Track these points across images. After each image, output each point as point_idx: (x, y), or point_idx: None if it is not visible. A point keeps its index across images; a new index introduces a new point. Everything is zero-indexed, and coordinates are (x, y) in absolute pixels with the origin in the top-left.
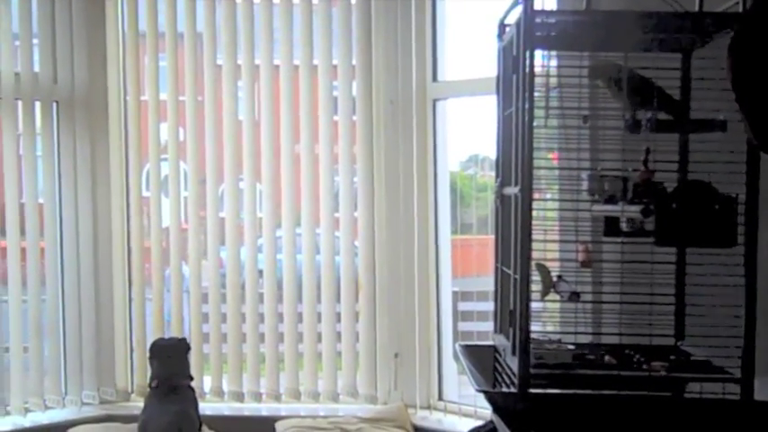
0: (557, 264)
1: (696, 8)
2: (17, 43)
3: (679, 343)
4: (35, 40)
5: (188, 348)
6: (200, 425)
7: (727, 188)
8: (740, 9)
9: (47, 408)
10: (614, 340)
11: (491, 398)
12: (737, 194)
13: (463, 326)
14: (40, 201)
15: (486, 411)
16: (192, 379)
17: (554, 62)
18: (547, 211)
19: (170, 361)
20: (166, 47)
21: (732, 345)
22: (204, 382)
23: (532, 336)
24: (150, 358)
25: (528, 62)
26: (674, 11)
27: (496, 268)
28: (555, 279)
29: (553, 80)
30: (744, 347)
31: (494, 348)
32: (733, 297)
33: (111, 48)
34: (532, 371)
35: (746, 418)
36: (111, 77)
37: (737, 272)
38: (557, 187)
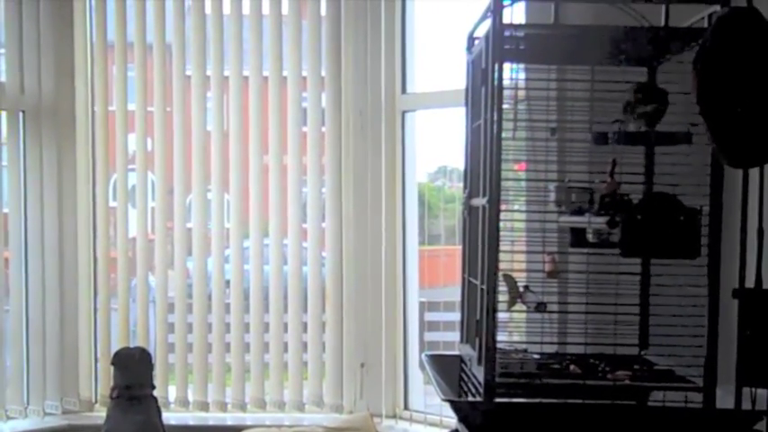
0: (523, 274)
1: (662, 23)
2: None
3: (643, 352)
4: (1, 50)
5: (150, 357)
6: None
7: (692, 200)
8: (705, 25)
9: (8, 418)
10: (579, 350)
11: (457, 407)
12: (701, 206)
13: (430, 336)
14: (5, 210)
15: (451, 420)
16: (154, 388)
17: (522, 75)
18: (514, 222)
19: (132, 370)
20: (135, 57)
21: (695, 354)
22: (169, 392)
23: (498, 345)
24: (113, 367)
25: (497, 75)
26: (641, 26)
27: (463, 279)
28: (521, 289)
29: (521, 93)
30: (706, 357)
31: (460, 358)
32: (696, 307)
33: (79, 58)
34: (498, 380)
35: (708, 427)
36: (79, 87)
37: (701, 282)
38: (524, 198)
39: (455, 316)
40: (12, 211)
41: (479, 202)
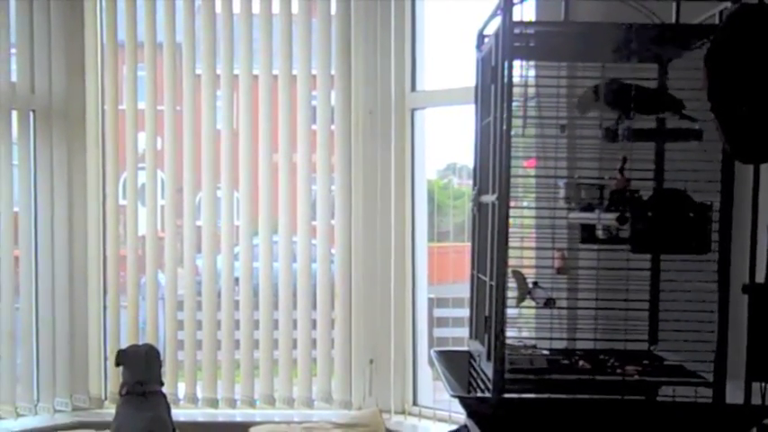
0: (533, 270)
1: (673, 20)
2: None
3: (652, 348)
4: (13, 50)
5: (158, 354)
6: (174, 431)
7: (702, 196)
8: (716, 21)
9: (18, 415)
10: (589, 345)
11: (466, 403)
12: (712, 202)
13: (439, 332)
14: (16, 209)
15: (460, 416)
16: (162, 384)
17: (532, 72)
18: (523, 218)
19: (140, 367)
20: (145, 56)
21: (705, 349)
22: (178, 388)
23: (507, 341)
24: (122, 365)
25: (506, 72)
26: (652, 22)
27: (472, 275)
28: (530, 285)
29: (531, 90)
30: (716, 352)
31: (469, 354)
32: (706, 303)
33: (90, 57)
34: (507, 376)
35: (718, 421)
36: (90, 87)
37: (711, 278)
38: (533, 195)
39: (464, 312)
40: (22, 209)
41: (489, 198)
